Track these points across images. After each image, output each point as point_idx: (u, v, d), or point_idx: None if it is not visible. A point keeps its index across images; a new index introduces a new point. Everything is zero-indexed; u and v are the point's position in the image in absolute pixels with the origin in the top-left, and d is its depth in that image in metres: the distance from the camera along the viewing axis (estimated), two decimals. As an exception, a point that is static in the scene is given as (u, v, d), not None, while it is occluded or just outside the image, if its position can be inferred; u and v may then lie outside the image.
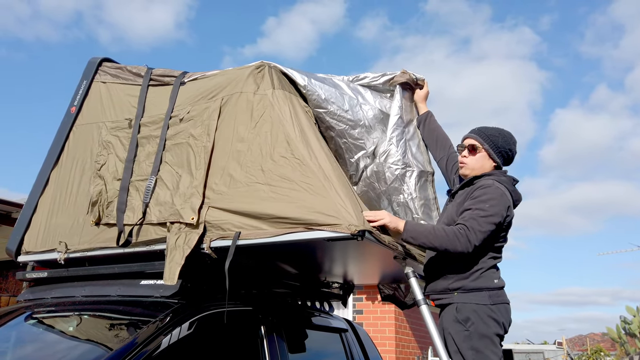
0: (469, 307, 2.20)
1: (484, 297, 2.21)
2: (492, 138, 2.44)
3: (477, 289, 2.22)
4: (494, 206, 2.23)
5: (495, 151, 2.44)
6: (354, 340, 3.22)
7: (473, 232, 2.17)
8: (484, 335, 2.15)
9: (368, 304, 8.97)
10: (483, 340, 2.15)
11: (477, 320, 2.17)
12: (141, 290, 2.31)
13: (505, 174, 2.46)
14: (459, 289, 2.25)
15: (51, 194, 2.87)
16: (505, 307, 2.25)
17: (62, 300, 2.51)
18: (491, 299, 2.21)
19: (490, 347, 2.15)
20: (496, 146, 2.44)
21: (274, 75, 2.48)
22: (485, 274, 2.25)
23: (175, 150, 2.53)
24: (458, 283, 2.26)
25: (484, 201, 2.24)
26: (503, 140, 2.46)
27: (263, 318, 2.45)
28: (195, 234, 2.24)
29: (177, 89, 2.71)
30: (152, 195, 2.46)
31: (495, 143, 2.44)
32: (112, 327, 2.21)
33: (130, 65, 3.00)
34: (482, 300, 2.20)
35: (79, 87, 3.08)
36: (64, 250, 2.61)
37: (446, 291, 2.29)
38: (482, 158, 2.44)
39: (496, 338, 2.18)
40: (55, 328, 2.39)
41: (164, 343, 1.90)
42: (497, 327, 2.19)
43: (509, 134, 2.50)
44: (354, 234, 2.06)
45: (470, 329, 2.16)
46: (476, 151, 2.44)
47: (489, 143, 2.43)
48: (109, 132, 2.80)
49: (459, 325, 2.19)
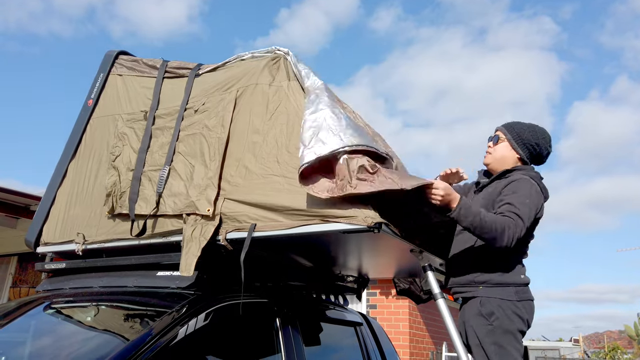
0: (494, 301, 2.16)
1: (510, 292, 2.17)
2: (518, 130, 2.42)
3: (504, 284, 2.19)
4: (533, 203, 2.19)
5: (518, 143, 2.40)
6: (369, 334, 3.20)
7: (518, 228, 2.11)
8: (508, 330, 2.12)
9: (382, 299, 8.95)
10: (506, 335, 2.12)
11: (502, 315, 2.13)
12: (157, 281, 2.32)
13: (533, 170, 2.41)
14: (484, 283, 2.21)
15: (69, 185, 2.89)
16: (530, 304, 2.21)
17: (80, 290, 2.53)
18: (517, 294, 2.17)
19: (513, 342, 2.12)
20: (520, 138, 2.41)
21: (289, 67, 2.47)
22: (512, 268, 2.22)
23: (189, 141, 2.53)
24: (484, 277, 2.22)
25: (523, 196, 2.19)
26: (529, 134, 2.41)
27: (278, 310, 2.45)
28: (211, 226, 2.24)
29: (192, 80, 2.71)
30: (166, 185, 2.47)
31: (520, 135, 2.41)
32: (128, 317, 2.22)
33: (146, 58, 3.01)
34: (508, 296, 2.16)
35: (96, 80, 3.10)
36: (82, 241, 2.63)
37: (471, 284, 2.25)
38: (504, 148, 2.42)
39: (519, 334, 2.15)
40: (73, 318, 2.41)
41: (180, 334, 1.91)
42: (520, 323, 2.15)
43: (540, 130, 2.44)
44: (371, 226, 2.04)
45: (494, 324, 2.13)
46: (498, 142, 2.44)
47: (513, 134, 2.42)
48: (124, 124, 2.81)
49: (482, 319, 2.16)
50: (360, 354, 3.03)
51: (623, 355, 24.23)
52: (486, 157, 2.48)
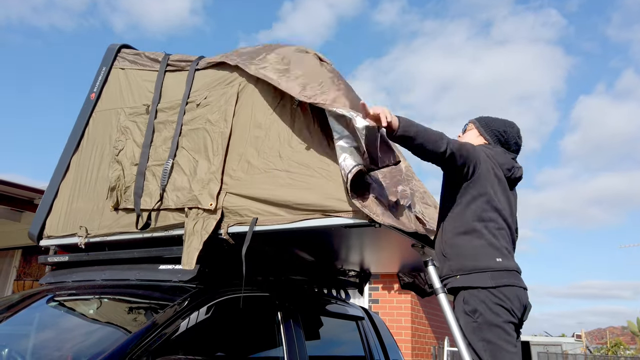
0: (475, 297, 2.10)
1: (485, 278, 2.09)
2: (486, 120, 2.50)
3: (478, 270, 2.12)
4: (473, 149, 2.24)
5: (486, 130, 2.47)
6: (371, 328, 3.21)
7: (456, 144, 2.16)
8: (493, 324, 2.06)
9: (384, 293, 8.96)
10: (493, 330, 2.05)
11: (485, 310, 2.07)
12: (159, 274, 2.33)
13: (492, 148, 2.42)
14: (459, 271, 2.16)
15: (72, 179, 2.91)
16: (510, 289, 2.11)
17: (82, 283, 2.55)
18: (494, 280, 2.09)
19: (502, 335, 2.06)
20: (487, 125, 2.48)
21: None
22: (481, 252, 2.15)
23: (192, 135, 2.53)
24: (457, 264, 2.17)
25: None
26: (498, 123, 2.48)
27: (280, 304, 2.46)
28: (213, 220, 2.25)
29: (193, 74, 2.70)
30: (169, 179, 2.47)
31: (488, 123, 2.49)
32: (130, 310, 2.24)
33: (148, 52, 3.00)
34: (484, 283, 2.09)
35: (98, 74, 3.11)
36: (85, 234, 2.65)
37: (449, 274, 2.20)
38: (471, 134, 2.50)
39: (508, 326, 2.08)
40: (76, 311, 2.43)
41: (181, 327, 1.92)
42: (506, 314, 2.08)
43: (509, 122, 2.51)
44: (372, 220, 2.04)
45: (479, 320, 2.07)
46: (466, 131, 2.53)
47: (481, 122, 2.50)
48: (127, 117, 2.81)
49: (467, 317, 2.10)
50: (362, 348, 3.04)
51: (625, 351, 24.24)
52: None
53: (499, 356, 2.05)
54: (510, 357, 2.06)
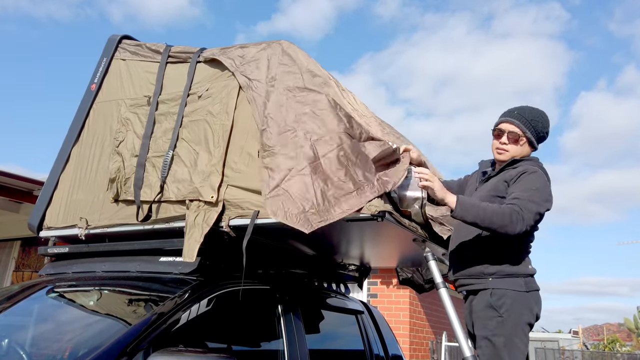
0: (504, 293, 2.12)
1: (519, 283, 2.14)
2: (533, 123, 2.32)
3: (513, 275, 2.15)
4: (546, 193, 2.16)
5: (535, 137, 2.34)
6: (370, 322, 3.21)
7: (529, 214, 2.06)
8: (517, 323, 2.09)
9: (383, 288, 8.98)
10: (516, 328, 2.08)
11: (513, 307, 2.10)
12: (160, 267, 2.32)
13: (538, 160, 2.38)
14: (494, 274, 2.17)
15: (72, 170, 2.89)
16: (537, 294, 2.19)
17: (82, 275, 2.54)
18: (526, 285, 2.14)
19: (521, 336, 2.09)
20: (537, 132, 2.33)
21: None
22: (521, 259, 2.19)
23: (193, 127, 2.52)
24: (494, 268, 2.18)
25: (537, 188, 2.14)
26: (542, 125, 2.34)
27: (280, 297, 2.45)
28: (214, 212, 2.24)
29: (195, 66, 2.69)
30: (169, 171, 2.46)
31: (536, 129, 2.32)
32: (131, 302, 2.23)
33: (149, 43, 2.98)
34: (517, 287, 2.13)
35: (99, 65, 3.08)
36: (85, 226, 2.64)
37: (480, 276, 2.20)
38: (525, 146, 2.33)
39: (527, 327, 2.13)
40: (75, 302, 2.42)
41: (182, 319, 1.91)
42: (530, 315, 2.13)
43: (545, 115, 2.37)
44: (374, 214, 2.03)
45: (504, 316, 2.09)
46: (518, 141, 2.31)
47: (531, 130, 2.31)
48: (127, 109, 2.80)
49: (492, 310, 2.11)
50: (361, 342, 3.04)
51: (622, 347, 24.35)
52: (503, 155, 2.34)
53: (515, 354, 2.07)
54: (522, 357, 2.08)
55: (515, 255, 2.20)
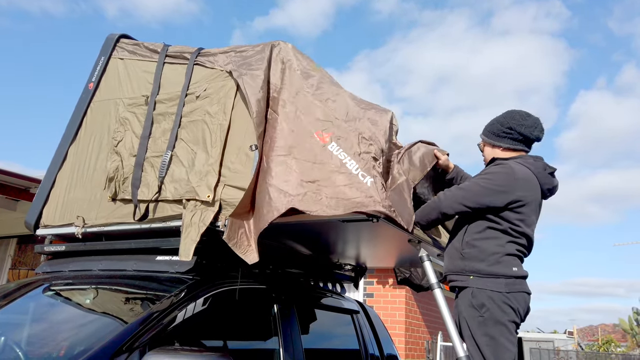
0: (484, 292, 2.16)
1: (500, 284, 2.17)
2: (488, 127, 2.53)
3: (493, 275, 2.18)
4: (485, 188, 2.25)
5: (491, 138, 2.48)
6: (366, 322, 3.23)
7: (448, 201, 2.31)
8: (499, 321, 2.12)
9: (379, 288, 9.00)
10: (497, 326, 2.11)
11: (493, 306, 2.13)
12: (157, 265, 2.33)
13: (529, 158, 2.40)
14: (474, 272, 2.22)
15: (69, 168, 2.89)
16: (522, 295, 2.20)
17: (79, 273, 2.55)
18: (507, 286, 2.16)
19: (505, 334, 2.12)
20: (491, 132, 2.49)
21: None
22: (502, 260, 2.21)
23: (191, 127, 2.52)
24: (474, 266, 2.22)
25: (476, 182, 2.31)
26: (499, 123, 2.47)
27: (276, 297, 2.47)
28: (211, 212, 2.25)
29: (192, 66, 2.69)
30: (167, 171, 2.47)
31: (490, 130, 2.50)
32: (127, 301, 2.24)
33: (147, 42, 2.98)
34: (497, 287, 2.16)
35: (97, 63, 3.08)
36: (82, 224, 2.64)
37: (462, 272, 2.26)
38: (487, 150, 2.54)
39: (511, 325, 2.15)
40: (72, 301, 2.43)
41: (178, 318, 1.92)
42: (512, 314, 2.15)
43: (508, 114, 2.47)
44: (370, 215, 2.05)
45: (485, 315, 2.13)
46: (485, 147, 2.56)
47: (485, 133, 2.54)
48: (126, 108, 2.80)
49: (473, 310, 2.16)
50: (357, 341, 3.06)
51: (616, 348, 24.46)
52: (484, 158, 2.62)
53: (499, 353, 2.09)
54: (509, 355, 2.10)
55: (496, 255, 2.22)
